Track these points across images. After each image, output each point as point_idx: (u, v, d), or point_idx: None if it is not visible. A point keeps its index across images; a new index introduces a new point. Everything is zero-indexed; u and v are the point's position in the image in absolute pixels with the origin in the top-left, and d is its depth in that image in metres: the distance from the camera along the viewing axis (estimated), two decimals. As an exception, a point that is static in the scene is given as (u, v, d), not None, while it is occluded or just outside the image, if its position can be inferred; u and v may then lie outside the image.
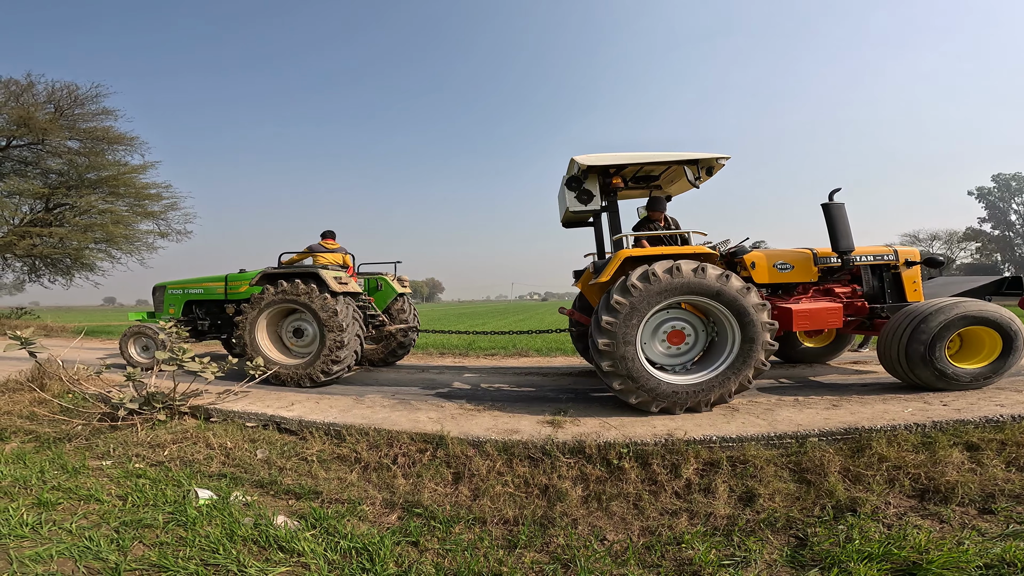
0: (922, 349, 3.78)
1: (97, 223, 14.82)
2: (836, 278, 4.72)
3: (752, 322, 3.62)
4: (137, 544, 2.27)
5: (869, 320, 4.59)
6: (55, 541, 2.28)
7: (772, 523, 2.41)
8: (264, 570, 2.07)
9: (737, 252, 4.54)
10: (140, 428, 3.60)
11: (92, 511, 2.58)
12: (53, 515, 2.52)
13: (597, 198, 4.28)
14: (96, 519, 2.50)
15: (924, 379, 3.88)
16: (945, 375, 3.81)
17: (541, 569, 2.18)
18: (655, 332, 3.93)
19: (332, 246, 6.34)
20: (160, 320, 6.26)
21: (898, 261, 4.63)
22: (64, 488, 2.80)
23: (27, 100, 13.79)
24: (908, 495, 2.60)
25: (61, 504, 2.65)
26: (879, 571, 1.99)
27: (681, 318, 3.96)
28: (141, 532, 2.36)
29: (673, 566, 2.17)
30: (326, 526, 2.43)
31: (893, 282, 4.65)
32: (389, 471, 3.04)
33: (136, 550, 2.23)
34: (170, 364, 3.74)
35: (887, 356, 4.08)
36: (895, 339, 3.96)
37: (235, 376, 5.00)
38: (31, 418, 4.00)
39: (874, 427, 3.03)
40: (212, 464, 3.19)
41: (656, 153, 4.24)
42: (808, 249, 4.62)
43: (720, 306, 3.66)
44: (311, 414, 3.80)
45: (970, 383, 3.85)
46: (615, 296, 3.63)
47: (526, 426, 3.45)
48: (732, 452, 2.93)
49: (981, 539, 2.19)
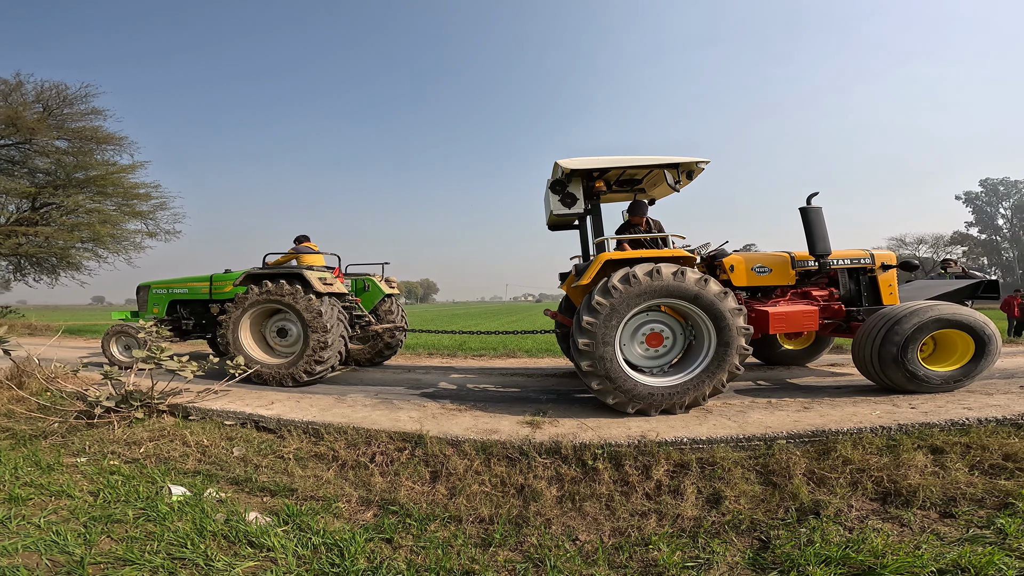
0: (894, 351, 3.86)
1: (84, 222, 14.72)
2: (813, 281, 4.80)
3: (728, 326, 3.68)
4: (104, 538, 2.29)
5: (846, 323, 4.67)
6: (22, 535, 2.28)
7: (736, 525, 2.47)
8: (231, 564, 2.09)
9: (717, 255, 4.61)
10: (117, 426, 3.60)
11: (63, 507, 2.59)
12: (23, 510, 2.52)
13: (580, 201, 4.34)
14: (66, 514, 2.51)
15: (896, 381, 3.95)
16: (916, 377, 3.89)
17: (513, 568, 2.22)
18: (634, 334, 3.98)
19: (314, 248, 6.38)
20: (143, 319, 6.24)
21: (874, 264, 4.71)
22: (36, 484, 2.81)
23: (15, 99, 13.67)
24: (871, 498, 2.66)
25: (32, 500, 2.65)
26: (836, 575, 2.04)
27: (660, 321, 4.02)
28: (110, 527, 2.37)
29: (640, 567, 2.22)
30: (299, 522, 2.46)
31: (869, 285, 4.74)
32: (367, 469, 3.08)
33: (103, 544, 2.24)
34: (148, 363, 3.75)
35: (860, 358, 4.16)
36: (868, 341, 4.04)
37: (217, 375, 5.00)
38: (8, 415, 3.98)
39: (841, 430, 3.10)
40: (188, 461, 3.20)
41: (637, 157, 4.30)
42: (786, 252, 4.70)
43: (698, 310, 3.72)
44: (290, 413, 3.83)
45: (941, 385, 3.94)
46: (596, 297, 3.68)
47: (506, 426, 3.50)
48: (702, 454, 3.00)
49: (939, 543, 2.24)
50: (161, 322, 6.25)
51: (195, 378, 4.12)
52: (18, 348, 3.92)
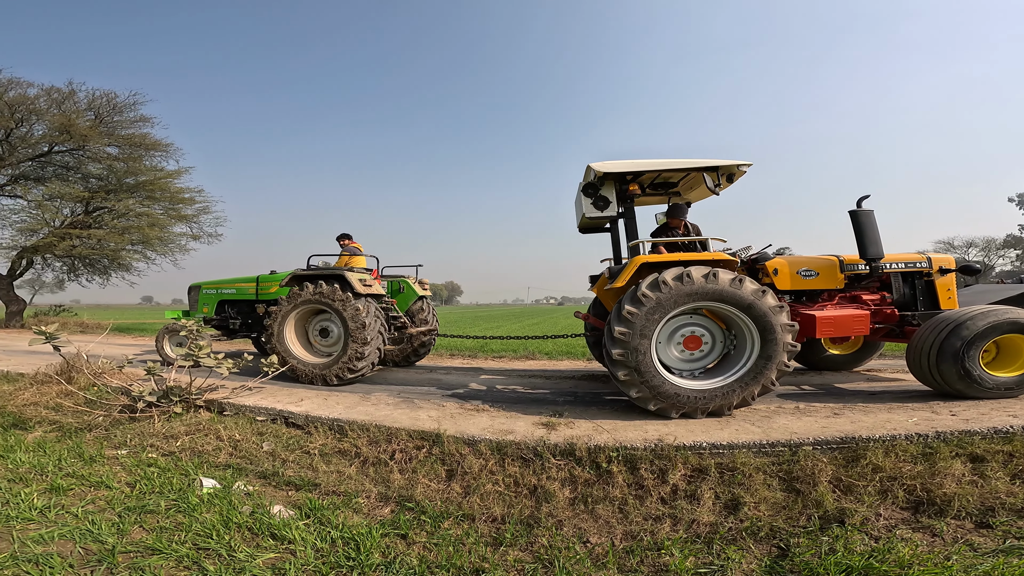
0: (958, 345, 3.68)
1: (134, 225, 15.53)
2: (864, 285, 4.64)
3: (775, 340, 3.60)
4: (136, 528, 2.40)
5: (899, 328, 4.51)
6: (59, 524, 2.39)
7: (755, 532, 2.40)
8: (252, 555, 2.16)
9: (759, 259, 4.52)
10: (157, 420, 3.81)
11: (100, 497, 2.72)
12: (63, 500, 2.66)
13: (613, 204, 4.33)
14: (103, 504, 2.65)
15: (947, 378, 3.77)
16: (970, 376, 3.70)
17: (523, 568, 2.22)
18: (672, 335, 3.95)
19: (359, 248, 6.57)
20: (193, 318, 6.54)
21: (931, 268, 4.53)
22: (77, 475, 2.97)
23: (68, 107, 14.55)
24: (901, 507, 2.54)
25: (72, 490, 2.79)
26: None
27: (701, 324, 3.97)
28: (142, 517, 2.48)
29: (651, 571, 2.18)
30: (320, 516, 2.54)
31: (926, 290, 4.56)
32: (386, 466, 3.15)
33: (135, 534, 2.35)
34: (187, 360, 3.95)
35: (917, 362, 3.99)
36: (926, 345, 3.87)
37: (253, 372, 5.22)
38: (56, 409, 4.27)
39: (872, 436, 2.96)
40: (220, 455, 3.35)
41: (674, 160, 4.25)
42: (834, 256, 4.56)
43: (747, 319, 3.65)
44: (317, 410, 3.96)
45: (992, 390, 3.73)
46: (643, 289, 3.64)
47: (521, 427, 3.52)
48: (722, 459, 2.92)
49: (972, 554, 2.13)
50: (209, 321, 6.56)
51: (231, 375, 4.30)
52: (68, 344, 4.20)
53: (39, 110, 14.17)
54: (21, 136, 14.53)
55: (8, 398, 4.62)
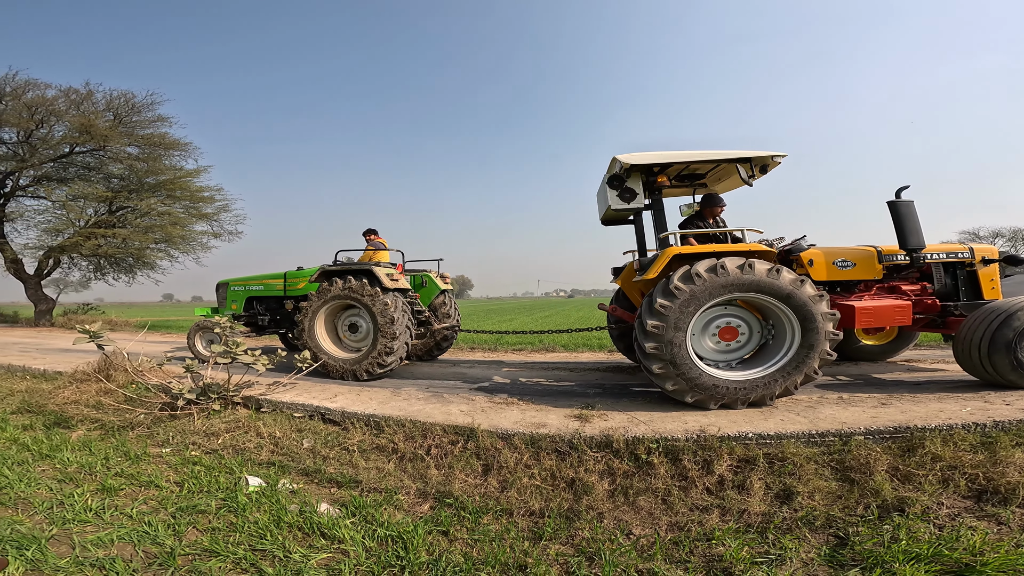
0: (1008, 346, 3.58)
1: (157, 224, 15.77)
2: (903, 275, 4.55)
3: (817, 329, 3.51)
4: (191, 529, 2.40)
5: (941, 318, 4.39)
6: (116, 526, 2.39)
7: (810, 521, 2.32)
8: (307, 556, 2.15)
9: (793, 250, 4.42)
10: (196, 417, 3.83)
11: (151, 497, 2.73)
12: (115, 500, 2.67)
13: (640, 196, 4.25)
14: (155, 504, 2.66)
15: (1009, 377, 3.66)
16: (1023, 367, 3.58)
17: (566, 561, 2.17)
18: (707, 327, 3.87)
19: (384, 243, 6.56)
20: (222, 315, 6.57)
21: (974, 259, 4.40)
22: (126, 475, 2.99)
23: (87, 108, 14.77)
24: (963, 496, 2.44)
25: (123, 490, 2.80)
26: (927, 572, 1.89)
27: (737, 315, 3.88)
28: (195, 518, 2.49)
29: (702, 562, 2.12)
30: (364, 514, 2.52)
31: (968, 280, 4.43)
32: (423, 462, 3.12)
33: (190, 535, 2.35)
34: (225, 357, 3.95)
35: (966, 354, 3.88)
36: (976, 336, 3.76)
37: (285, 369, 5.24)
38: (97, 407, 4.32)
39: (928, 426, 2.84)
40: (262, 452, 3.35)
41: (706, 152, 4.15)
42: (871, 247, 4.45)
43: (787, 309, 3.57)
44: (352, 405, 3.95)
45: None
46: (675, 282, 3.57)
47: (554, 420, 3.45)
48: (769, 449, 2.82)
49: None
50: (238, 318, 6.61)
51: (265, 371, 4.30)
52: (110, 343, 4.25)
53: (58, 111, 14.40)
54: (42, 137, 14.81)
55: (48, 397, 4.71)
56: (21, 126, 14.18)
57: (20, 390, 5.20)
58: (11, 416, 4.35)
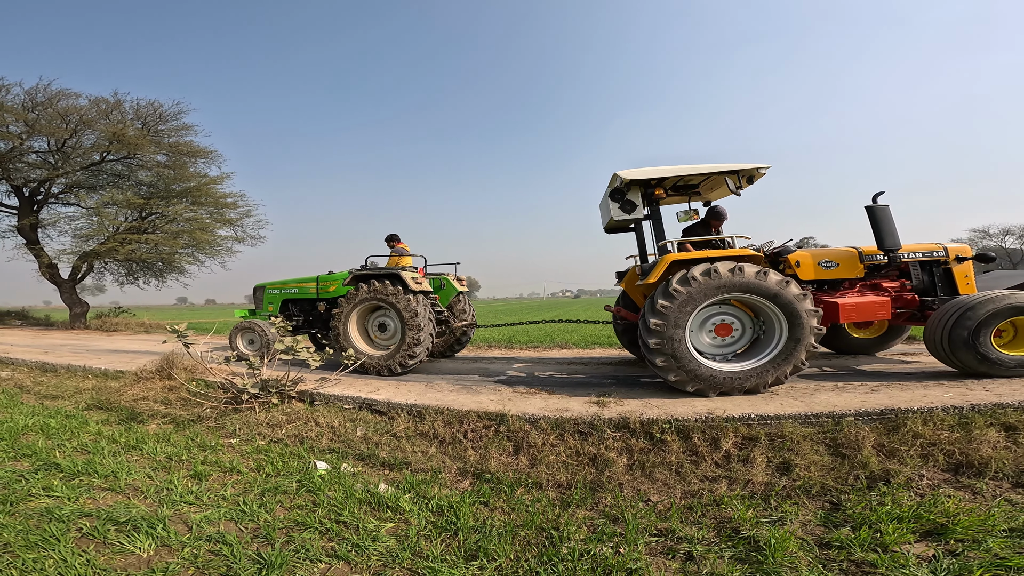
0: (965, 335, 3.90)
1: (185, 230, 16.44)
2: (884, 274, 4.87)
3: (802, 325, 3.89)
4: (279, 507, 2.71)
5: (920, 312, 4.74)
6: (215, 506, 2.68)
7: (807, 490, 2.66)
8: (378, 525, 2.50)
9: (781, 252, 4.79)
10: (258, 410, 4.23)
11: (237, 481, 3.07)
12: (208, 485, 3.01)
13: (640, 207, 4.66)
14: (242, 487, 2.95)
15: (967, 363, 3.98)
16: (988, 359, 3.90)
17: (593, 523, 2.52)
18: (703, 324, 4.26)
19: (406, 248, 6.99)
20: (259, 316, 7.06)
21: (948, 257, 4.74)
22: (209, 462, 3.37)
23: (116, 117, 15.35)
24: (942, 469, 2.76)
25: (212, 475, 3.15)
26: (907, 530, 2.20)
27: (730, 313, 4.28)
28: (280, 497, 2.81)
29: (714, 523, 2.45)
30: (417, 491, 2.89)
31: (944, 276, 4.77)
32: (461, 444, 3.52)
33: (279, 512, 2.65)
34: (288, 353, 4.37)
35: (931, 340, 4.22)
36: (939, 325, 4.10)
37: (327, 366, 5.68)
38: (165, 403, 4.77)
39: (911, 408, 3.19)
40: (322, 440, 3.74)
41: (698, 166, 4.56)
42: (853, 248, 4.82)
43: (774, 306, 3.96)
44: (395, 397, 4.36)
45: (1015, 369, 3.91)
46: (674, 284, 3.99)
47: (575, 406, 3.84)
48: (770, 428, 3.19)
49: (1011, 508, 2.35)
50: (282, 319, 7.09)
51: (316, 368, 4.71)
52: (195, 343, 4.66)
53: (89, 120, 14.95)
54: (73, 146, 15.41)
55: (117, 393, 5.17)
56: (56, 135, 14.75)
57: (88, 388, 5.69)
58: (86, 412, 4.81)
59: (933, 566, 1.94)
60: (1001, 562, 1.92)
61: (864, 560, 2.03)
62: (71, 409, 4.91)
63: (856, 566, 2.01)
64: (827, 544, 2.18)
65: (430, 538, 2.38)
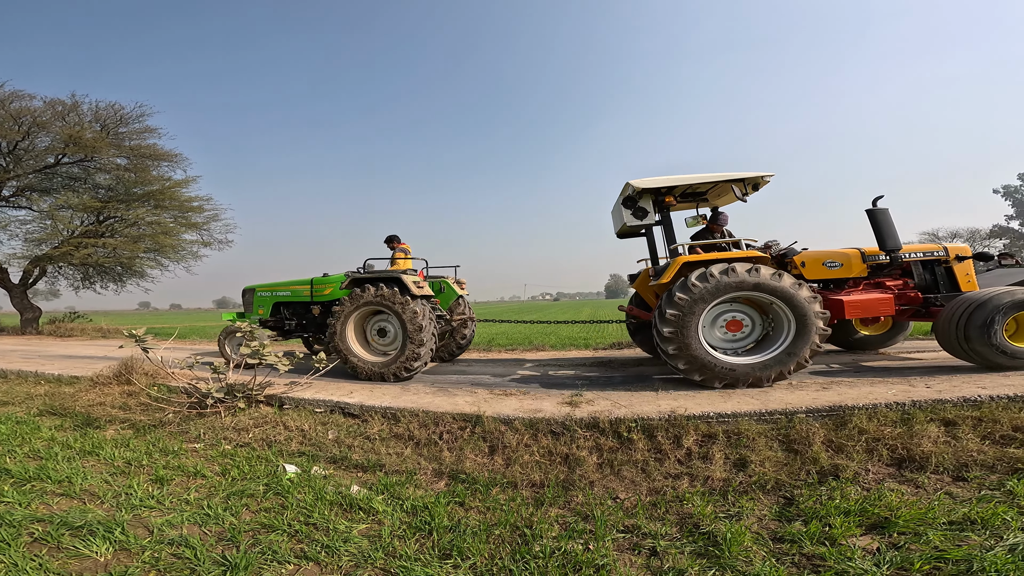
0: (980, 330, 4.14)
1: (147, 234, 15.90)
2: (886, 273, 5.18)
3: (810, 325, 4.18)
4: (245, 510, 2.67)
5: (924, 308, 5.06)
6: (178, 510, 2.63)
7: (763, 485, 2.80)
8: (350, 527, 2.49)
9: (786, 254, 5.07)
10: (224, 415, 4.14)
11: (201, 485, 3.01)
12: (170, 489, 2.93)
13: (651, 214, 4.91)
14: (207, 491, 2.91)
15: (986, 356, 4.19)
16: (1006, 352, 4.16)
17: (565, 521, 2.59)
18: (715, 321, 4.53)
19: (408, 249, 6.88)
20: (249, 320, 6.79)
21: (948, 256, 5.08)
22: (172, 467, 3.27)
23: (73, 119, 14.77)
24: (886, 463, 2.92)
25: (175, 479, 3.08)
26: (854, 524, 2.30)
27: (740, 311, 4.55)
28: (247, 500, 2.77)
29: (676, 519, 2.56)
30: (391, 492, 2.89)
31: (946, 275, 5.10)
32: (436, 446, 3.55)
33: (245, 515, 2.62)
34: (254, 358, 4.26)
35: (946, 335, 4.45)
36: (955, 321, 4.34)
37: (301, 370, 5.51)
38: (123, 408, 4.59)
39: (857, 405, 3.40)
40: (292, 444, 3.69)
41: (707, 174, 4.84)
42: (856, 248, 5.15)
43: (785, 306, 4.23)
44: (369, 400, 4.34)
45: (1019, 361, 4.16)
46: (692, 280, 4.23)
47: (548, 406, 3.93)
48: (727, 426, 3.35)
49: (951, 501, 2.44)
50: (265, 323, 6.81)
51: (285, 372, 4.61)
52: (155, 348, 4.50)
53: (43, 122, 14.37)
54: (26, 148, 14.73)
55: (72, 399, 4.94)
56: (6, 137, 14.14)
57: (40, 394, 5.41)
58: (39, 418, 4.58)
59: (877, 559, 2.01)
60: (940, 555, 1.99)
61: (814, 553, 2.11)
62: (22, 415, 4.66)
63: (807, 559, 2.09)
64: (780, 538, 2.26)
65: (404, 538, 2.39)
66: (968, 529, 2.17)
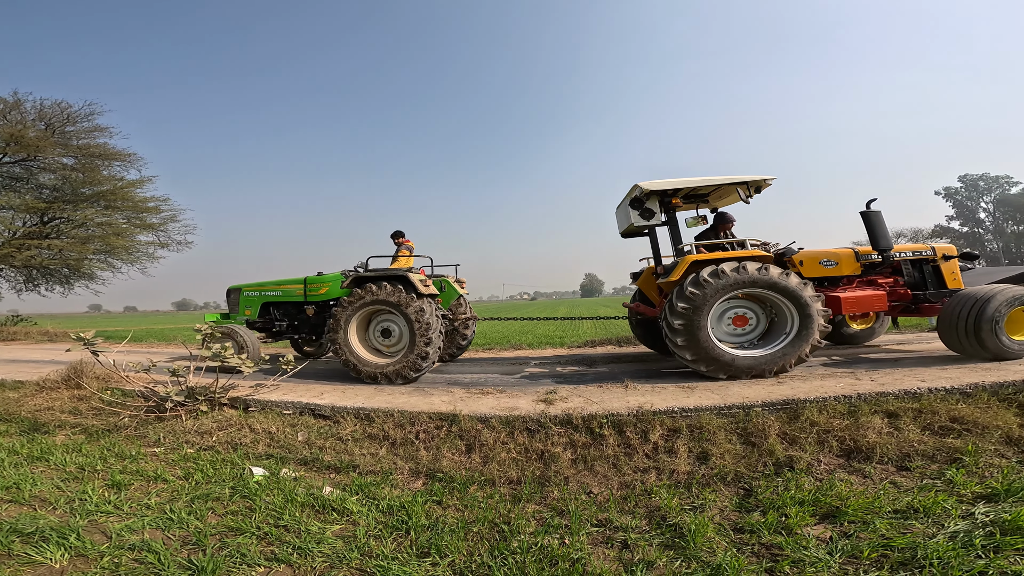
0: (989, 326, 4.40)
1: (96, 235, 15.05)
2: (878, 271, 5.49)
3: (812, 322, 4.44)
4: (211, 513, 2.61)
5: (914, 304, 5.41)
6: (138, 515, 2.55)
7: (723, 477, 2.94)
8: (323, 528, 2.47)
9: (785, 253, 5.28)
10: (185, 418, 3.97)
11: (163, 489, 2.92)
12: (129, 494, 2.84)
13: (658, 214, 5.10)
14: (168, 495, 2.83)
15: (993, 348, 4.45)
16: (1009, 346, 4.44)
17: (541, 516, 2.65)
18: (721, 316, 4.75)
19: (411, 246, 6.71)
20: (234, 321, 6.43)
21: (935, 256, 5.43)
22: (130, 471, 3.13)
23: (15, 118, 13.85)
24: (836, 454, 3.10)
25: (133, 484, 2.97)
26: (808, 514, 2.39)
27: (744, 306, 4.78)
28: (212, 504, 2.70)
29: (645, 512, 2.66)
30: (366, 492, 2.87)
31: (933, 273, 5.46)
32: (413, 445, 3.54)
33: (211, 519, 2.55)
34: (215, 360, 4.09)
35: (950, 329, 4.69)
36: (961, 316, 4.57)
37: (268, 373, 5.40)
38: (74, 413, 4.33)
39: (808, 398, 3.62)
40: (258, 446, 3.59)
41: (711, 177, 5.05)
42: (850, 248, 5.47)
43: (790, 304, 4.47)
44: (341, 401, 4.26)
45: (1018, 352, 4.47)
46: (704, 275, 4.42)
47: (524, 404, 4.00)
48: (690, 420, 3.50)
49: (895, 490, 2.58)
50: (252, 324, 6.48)
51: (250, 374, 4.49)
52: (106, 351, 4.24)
53: (-20, 122, 13.40)
54: (-39, 148, 13.68)
55: (17, 404, 4.63)
56: None
57: (-20, 399, 5.01)
58: (-20, 424, 4.26)
59: (830, 547, 2.10)
60: (887, 542, 2.08)
61: (772, 543, 2.19)
62: (-39, 421, 4.32)
63: (766, 549, 2.18)
64: (741, 528, 2.35)
65: (380, 538, 2.39)
66: (912, 517, 2.28)
